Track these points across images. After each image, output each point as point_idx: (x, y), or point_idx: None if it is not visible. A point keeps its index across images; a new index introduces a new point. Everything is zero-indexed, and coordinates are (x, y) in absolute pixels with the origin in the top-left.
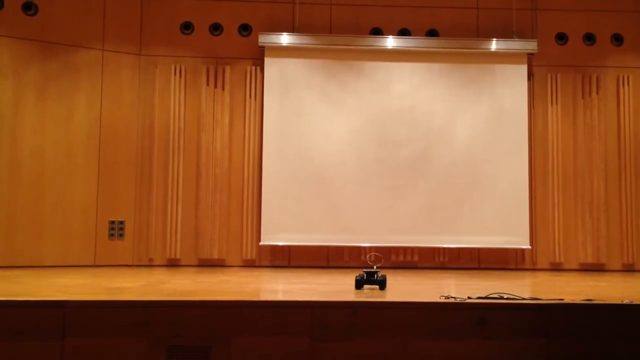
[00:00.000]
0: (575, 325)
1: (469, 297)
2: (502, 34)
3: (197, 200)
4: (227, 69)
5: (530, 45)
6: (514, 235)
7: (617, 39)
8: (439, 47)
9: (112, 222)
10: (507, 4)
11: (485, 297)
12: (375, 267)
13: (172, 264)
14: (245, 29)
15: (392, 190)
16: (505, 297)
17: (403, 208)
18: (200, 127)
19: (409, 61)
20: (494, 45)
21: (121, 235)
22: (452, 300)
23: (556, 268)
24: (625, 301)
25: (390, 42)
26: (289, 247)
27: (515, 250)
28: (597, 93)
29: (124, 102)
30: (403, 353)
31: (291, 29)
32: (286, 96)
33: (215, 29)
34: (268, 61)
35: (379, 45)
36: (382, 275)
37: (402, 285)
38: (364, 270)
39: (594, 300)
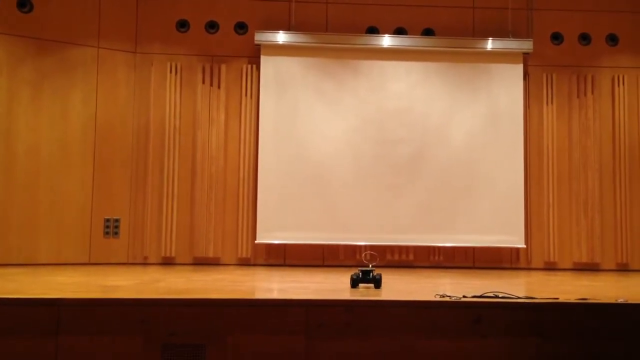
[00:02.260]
0: (569, 324)
1: (464, 296)
2: (498, 34)
3: (192, 199)
4: (223, 67)
5: (526, 45)
6: (509, 235)
7: (612, 39)
8: (435, 46)
9: (107, 220)
10: (503, 3)
11: (481, 296)
12: (370, 265)
13: (167, 262)
14: (241, 27)
15: (388, 189)
16: (500, 296)
17: (399, 207)
18: (196, 125)
19: (405, 60)
20: (489, 44)
21: (116, 233)
22: (447, 299)
23: (550, 267)
24: (619, 300)
25: (387, 41)
26: (284, 245)
27: (510, 249)
28: (592, 93)
29: (119, 100)
30: (398, 352)
31: (287, 28)
32: (282, 94)
33: (211, 27)
34: (264, 59)
35: (375, 44)
36: (377, 274)
37: (398, 284)
38: (360, 268)
39: (588, 299)
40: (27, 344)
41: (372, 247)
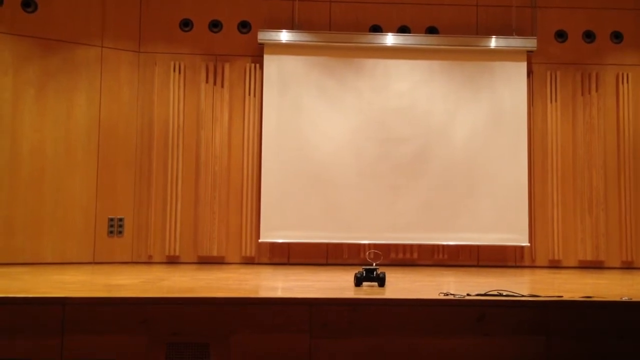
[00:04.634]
0: (574, 322)
1: (468, 294)
2: (502, 32)
3: (196, 198)
4: (227, 66)
5: (530, 43)
6: (513, 233)
7: (617, 37)
8: (438, 45)
9: (112, 219)
10: (507, 1)
11: (485, 294)
12: (374, 264)
13: (171, 261)
14: (244, 26)
15: (391, 187)
16: (504, 294)
17: (402, 205)
18: (200, 124)
19: (409, 58)
20: (493, 42)
21: (120, 232)
22: (451, 297)
23: (555, 265)
24: (624, 298)
25: (390, 39)
26: (288, 244)
27: (514, 247)
28: (597, 90)
29: (123, 99)
30: (402, 350)
31: (290, 26)
32: (285, 93)
33: (215, 26)
34: (267, 58)
35: (378, 42)
36: (381, 273)
37: (402, 283)
38: (363, 267)
39: (593, 297)
40: (33, 342)
41: (376, 246)
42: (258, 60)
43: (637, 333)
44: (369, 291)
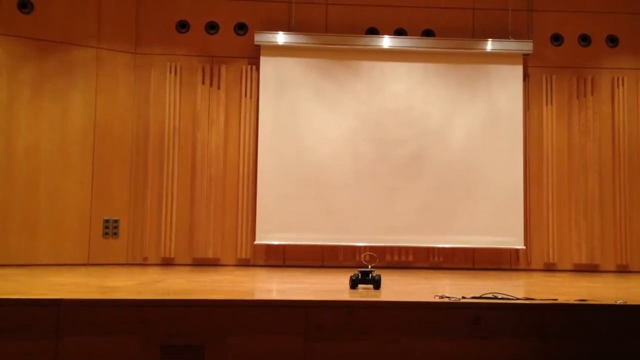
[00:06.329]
0: (569, 325)
1: (463, 297)
2: (498, 35)
3: (192, 199)
4: (223, 67)
5: (526, 46)
6: (509, 236)
7: (612, 41)
8: (434, 47)
9: (107, 221)
10: (503, 4)
11: (480, 297)
12: (370, 266)
13: (167, 262)
14: (241, 28)
15: (387, 190)
16: (499, 297)
17: (398, 208)
18: (196, 126)
19: (405, 61)
20: (489, 45)
21: (115, 234)
22: (446, 300)
23: (550, 268)
24: (619, 302)
25: (386, 41)
26: (284, 246)
27: (510, 250)
28: (592, 94)
29: (119, 101)
30: (397, 353)
31: (287, 28)
32: (282, 95)
33: (211, 27)
34: (264, 60)
35: (375, 45)
36: (376, 275)
37: (397, 285)
38: (359, 269)
39: (588, 300)
40: (27, 344)
41: (371, 248)
42: (254, 62)
43: (632, 336)
44: (364, 294)
